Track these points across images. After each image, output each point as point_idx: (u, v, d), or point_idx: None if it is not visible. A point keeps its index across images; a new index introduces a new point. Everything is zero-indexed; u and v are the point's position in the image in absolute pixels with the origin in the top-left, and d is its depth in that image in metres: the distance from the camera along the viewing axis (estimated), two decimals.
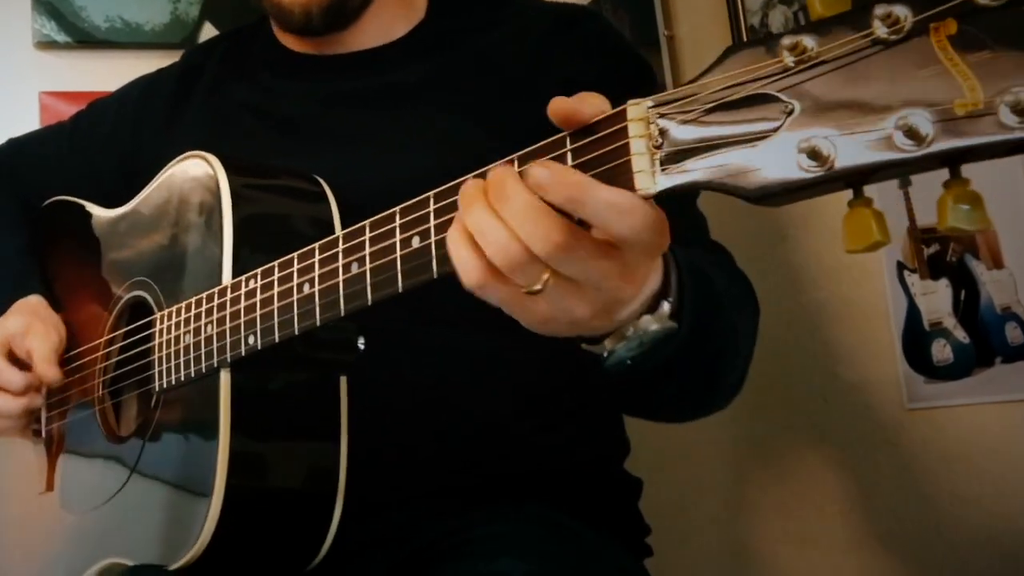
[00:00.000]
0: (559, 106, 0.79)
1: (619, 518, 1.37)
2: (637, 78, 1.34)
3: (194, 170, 1.26)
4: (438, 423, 1.26)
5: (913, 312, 1.71)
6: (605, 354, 0.89)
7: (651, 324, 0.86)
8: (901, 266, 1.72)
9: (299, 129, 1.39)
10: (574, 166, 0.75)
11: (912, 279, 1.71)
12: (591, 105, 0.77)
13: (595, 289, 0.79)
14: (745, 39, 2.01)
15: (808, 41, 0.63)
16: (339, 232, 1.20)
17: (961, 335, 1.67)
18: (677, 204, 0.98)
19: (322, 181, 1.26)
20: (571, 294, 0.79)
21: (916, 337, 1.71)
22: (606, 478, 1.39)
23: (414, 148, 1.31)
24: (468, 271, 0.80)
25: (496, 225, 0.77)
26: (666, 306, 0.87)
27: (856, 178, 0.62)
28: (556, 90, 1.27)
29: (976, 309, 1.65)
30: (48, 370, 1.37)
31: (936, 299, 1.69)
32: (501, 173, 0.79)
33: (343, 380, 1.20)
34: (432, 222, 0.87)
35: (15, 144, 1.74)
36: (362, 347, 1.18)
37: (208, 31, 2.30)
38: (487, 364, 1.28)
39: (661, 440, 1.26)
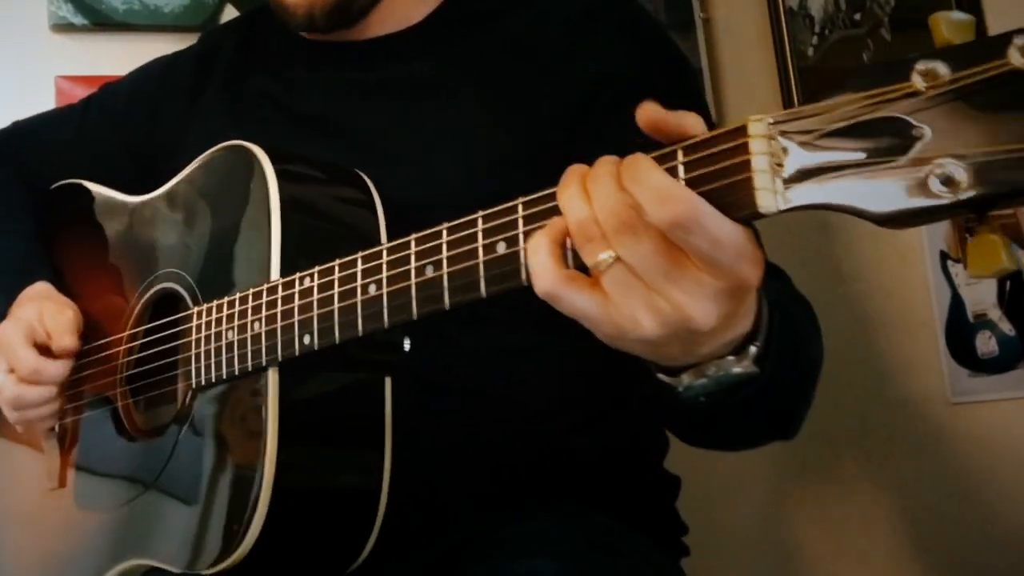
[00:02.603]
0: (646, 112, 0.82)
1: (656, 516, 1.40)
2: (673, 70, 1.35)
3: (236, 160, 1.28)
4: (474, 421, 1.29)
5: (957, 303, 1.74)
6: (681, 388, 0.92)
7: (734, 366, 0.90)
8: (944, 256, 1.75)
9: (318, 121, 1.41)
10: (687, 180, 0.78)
11: (956, 269, 1.74)
12: (688, 125, 0.81)
13: (660, 295, 0.81)
14: (783, 22, 2.03)
15: (941, 68, 0.67)
16: (382, 226, 1.24)
17: (1007, 327, 1.69)
18: None
19: (363, 175, 1.27)
20: (635, 296, 0.81)
21: (960, 329, 1.74)
22: (644, 476, 1.41)
23: (439, 143, 1.33)
24: (542, 274, 0.84)
25: (613, 188, 0.81)
26: (753, 350, 0.90)
27: (986, 205, 0.66)
28: (589, 85, 1.30)
29: (1022, 300, 1.68)
30: (64, 340, 1.38)
31: (981, 290, 1.72)
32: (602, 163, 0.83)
33: (388, 381, 1.23)
34: (521, 228, 0.89)
35: (21, 127, 1.74)
36: (407, 348, 1.21)
37: (230, 13, 2.30)
38: (523, 362, 1.31)
39: None
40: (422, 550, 1.28)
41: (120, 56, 2.03)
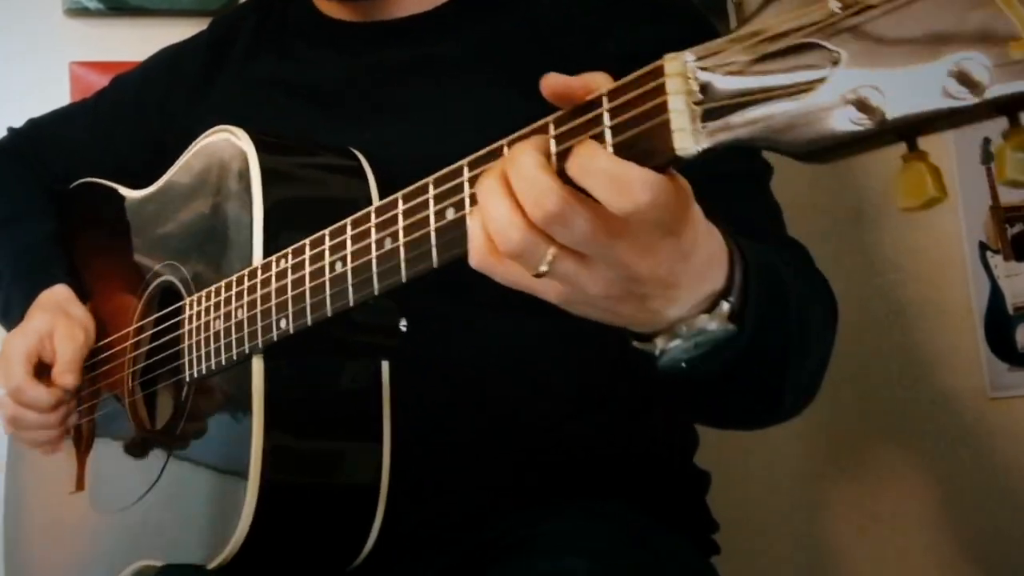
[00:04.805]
0: (548, 83, 0.83)
1: (687, 514, 1.37)
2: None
3: (222, 145, 1.28)
4: (494, 413, 1.26)
5: (996, 295, 1.70)
6: (657, 352, 0.89)
7: (708, 324, 0.87)
8: (984, 247, 1.71)
9: (334, 103, 1.40)
10: (611, 127, 0.76)
11: (995, 260, 1.70)
12: (582, 80, 0.81)
13: (605, 265, 0.80)
14: None
15: None
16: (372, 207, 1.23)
17: None
18: (750, 192, 0.98)
19: (360, 155, 1.26)
20: (579, 269, 0.80)
21: (999, 322, 1.70)
22: (674, 472, 1.39)
23: (458, 126, 1.29)
24: (472, 248, 0.83)
25: (500, 198, 0.79)
26: (725, 306, 0.88)
27: (908, 130, 0.62)
28: (616, 65, 1.27)
29: None
30: (64, 378, 1.40)
31: (1021, 281, 1.68)
32: (522, 143, 0.82)
33: (385, 365, 1.21)
34: (467, 192, 0.88)
35: (36, 124, 1.76)
36: (404, 329, 1.18)
37: None
38: (547, 351, 1.28)
39: (730, 432, 1.28)
40: (447, 548, 1.27)
41: (136, 42, 1.98)
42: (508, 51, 1.34)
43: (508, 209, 0.78)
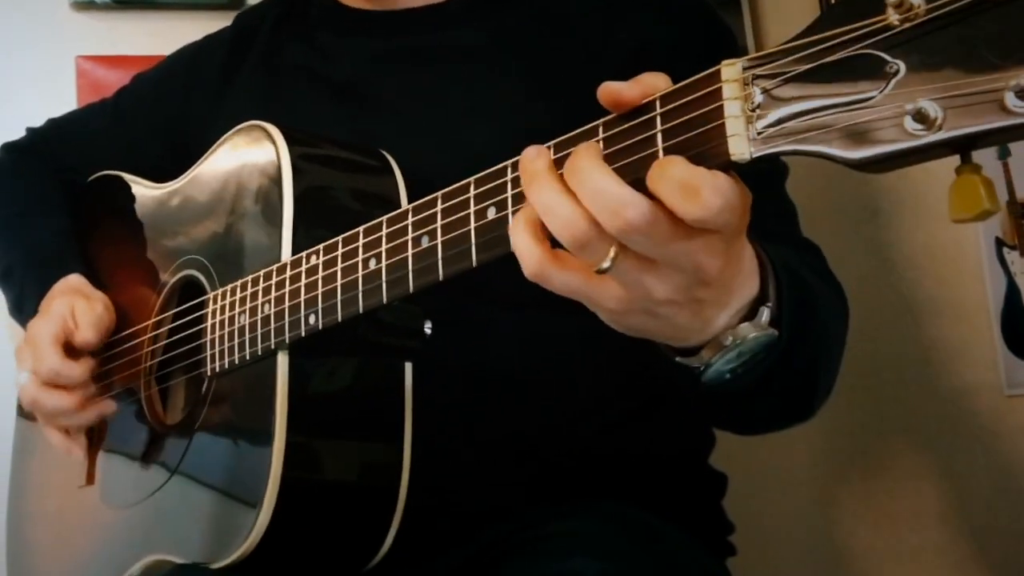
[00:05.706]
0: (604, 92, 0.81)
1: (702, 515, 1.38)
2: (717, 44, 1.32)
3: (252, 141, 1.28)
4: (509, 413, 1.27)
5: (1012, 292, 1.70)
6: (702, 367, 0.90)
7: (750, 331, 0.88)
8: (1000, 243, 1.71)
9: (355, 92, 1.41)
10: (663, 130, 0.77)
11: (1012, 256, 1.70)
12: (640, 87, 0.80)
13: (675, 268, 0.79)
14: (833, 1, 2.00)
15: None
16: (405, 206, 1.23)
17: None
18: (765, 192, 0.98)
19: (387, 155, 1.27)
20: (645, 271, 0.80)
21: (1016, 319, 1.70)
22: (690, 473, 1.39)
23: (474, 114, 1.32)
24: (526, 257, 0.82)
25: (561, 197, 0.79)
26: (766, 312, 0.89)
27: (964, 143, 0.63)
28: (628, 56, 1.29)
29: None
30: (85, 333, 1.39)
31: None
32: (579, 150, 0.81)
33: (408, 367, 1.21)
34: (510, 192, 0.88)
35: (55, 124, 1.77)
36: (429, 332, 1.19)
37: None
38: (564, 349, 1.29)
39: None
40: (457, 546, 1.27)
41: (143, 36, 1.99)
42: (523, 40, 1.36)
43: (571, 205, 0.78)
